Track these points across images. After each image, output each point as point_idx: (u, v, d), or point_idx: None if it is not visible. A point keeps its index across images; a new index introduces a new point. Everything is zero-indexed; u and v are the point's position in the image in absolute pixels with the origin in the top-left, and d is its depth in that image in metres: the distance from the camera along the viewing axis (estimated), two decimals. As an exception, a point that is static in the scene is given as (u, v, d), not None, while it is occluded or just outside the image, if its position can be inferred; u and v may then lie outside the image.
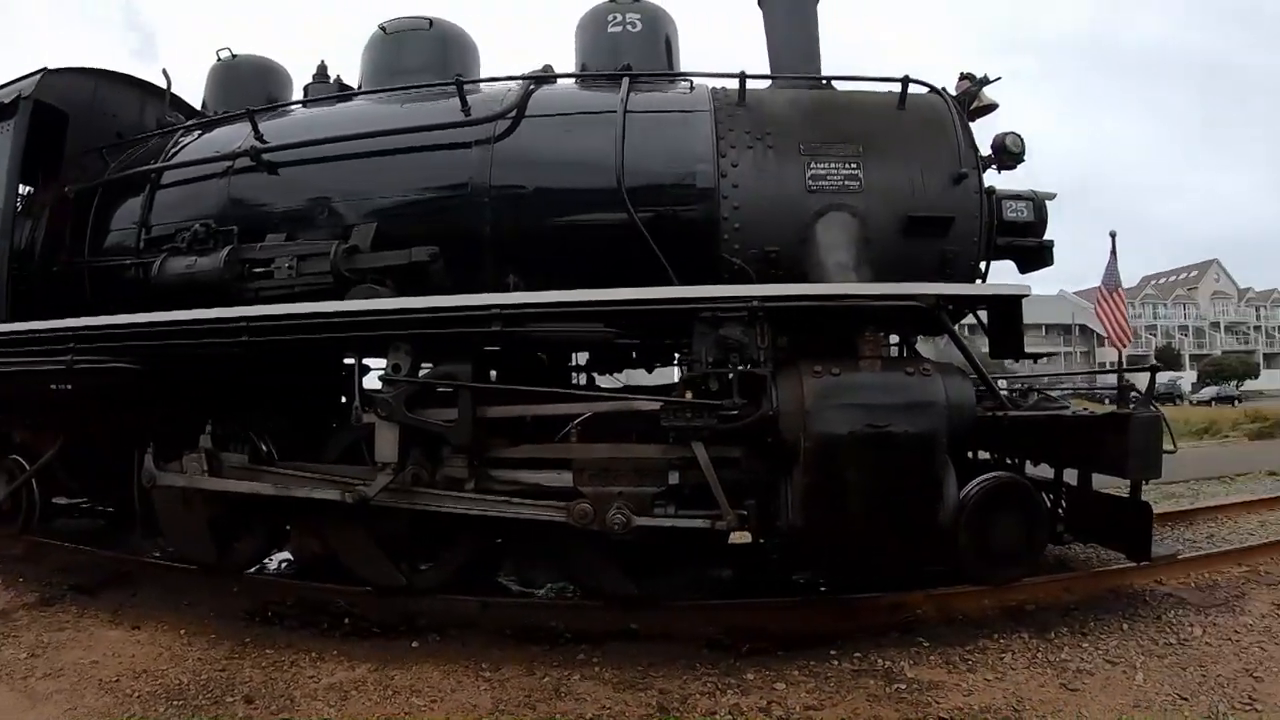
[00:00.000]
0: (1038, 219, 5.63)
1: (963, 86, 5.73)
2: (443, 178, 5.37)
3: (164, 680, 4.54)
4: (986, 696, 4.27)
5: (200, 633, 5.20)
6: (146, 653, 4.92)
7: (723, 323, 4.50)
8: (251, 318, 4.98)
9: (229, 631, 5.22)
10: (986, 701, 4.20)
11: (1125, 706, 4.13)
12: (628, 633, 5.08)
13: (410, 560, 5.56)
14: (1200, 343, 72.09)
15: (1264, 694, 4.22)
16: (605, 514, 4.66)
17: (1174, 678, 4.44)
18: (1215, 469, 12.84)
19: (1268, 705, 4.10)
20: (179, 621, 5.38)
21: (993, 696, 4.26)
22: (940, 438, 4.41)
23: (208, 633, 5.20)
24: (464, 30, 6.46)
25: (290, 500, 5.34)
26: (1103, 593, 5.83)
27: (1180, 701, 4.17)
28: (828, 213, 5.05)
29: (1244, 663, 4.63)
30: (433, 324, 4.72)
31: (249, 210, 5.71)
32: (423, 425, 4.86)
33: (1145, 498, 5.48)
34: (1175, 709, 4.11)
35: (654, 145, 5.22)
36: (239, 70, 7.04)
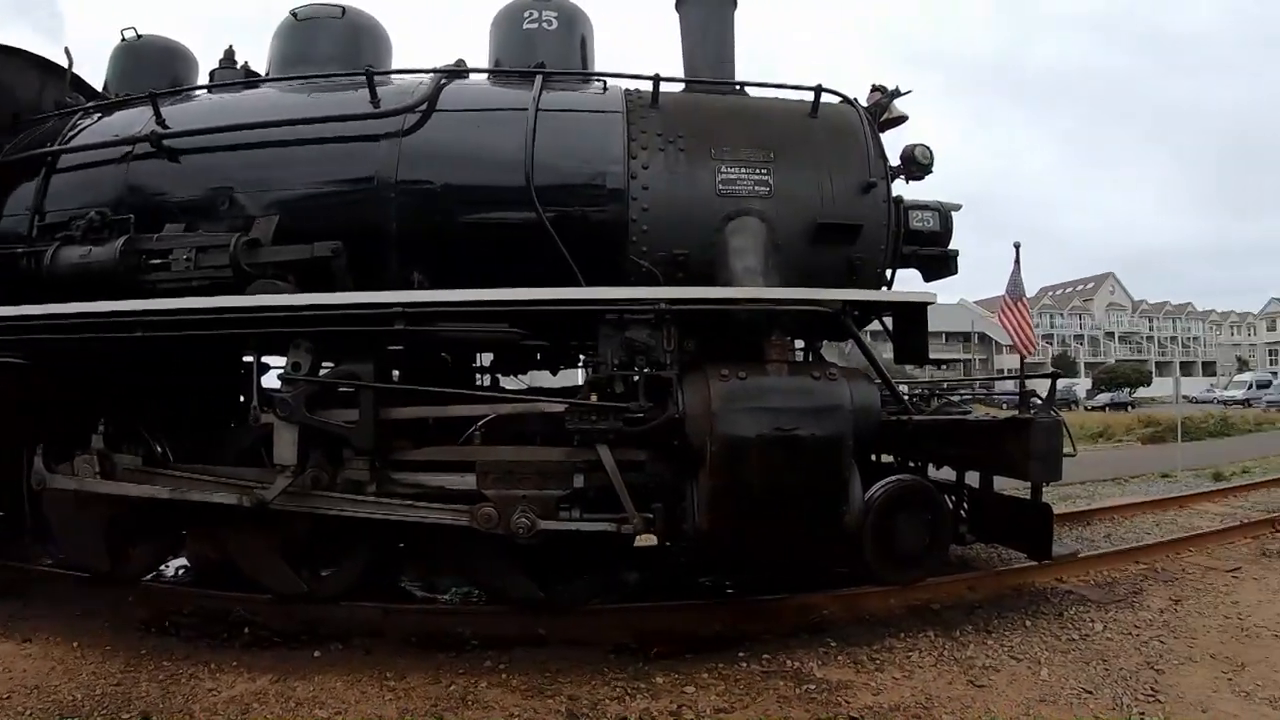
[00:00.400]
0: (943, 229, 5.78)
1: (874, 98, 5.83)
2: (349, 171, 5.21)
3: (57, 696, 4.33)
4: (895, 695, 4.35)
5: (95, 645, 4.97)
6: (38, 667, 4.69)
7: (629, 325, 4.50)
8: (146, 312, 4.78)
9: (124, 643, 5.00)
10: (895, 700, 4.28)
11: (1032, 701, 4.26)
12: (535, 638, 5.04)
13: (311, 566, 5.40)
14: (1095, 351, 76.18)
15: (1165, 685, 4.41)
16: (510, 518, 4.60)
17: (1078, 672, 4.60)
18: (1111, 471, 13.53)
19: (1169, 696, 4.28)
20: (72, 633, 5.13)
21: (901, 695, 4.35)
22: (846, 441, 4.48)
23: (102, 645, 4.97)
24: (377, 20, 6.30)
25: (187, 504, 5.13)
26: (1006, 591, 6.04)
27: (1085, 695, 4.32)
28: (737, 217, 5.07)
29: (1144, 656, 4.84)
30: (334, 321, 4.60)
31: (147, 198, 5.45)
32: (323, 426, 4.73)
33: (1045, 499, 5.67)
34: (1081, 702, 4.25)
35: (565, 145, 5.17)
36: (143, 51, 6.74)
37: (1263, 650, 4.92)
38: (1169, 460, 14.60)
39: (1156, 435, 22.26)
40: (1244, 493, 10.92)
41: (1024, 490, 5.71)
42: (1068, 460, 5.43)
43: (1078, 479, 11.81)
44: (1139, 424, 25.93)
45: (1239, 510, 9.52)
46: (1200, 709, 4.15)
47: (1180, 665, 4.70)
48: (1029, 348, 7.11)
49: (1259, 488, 11.31)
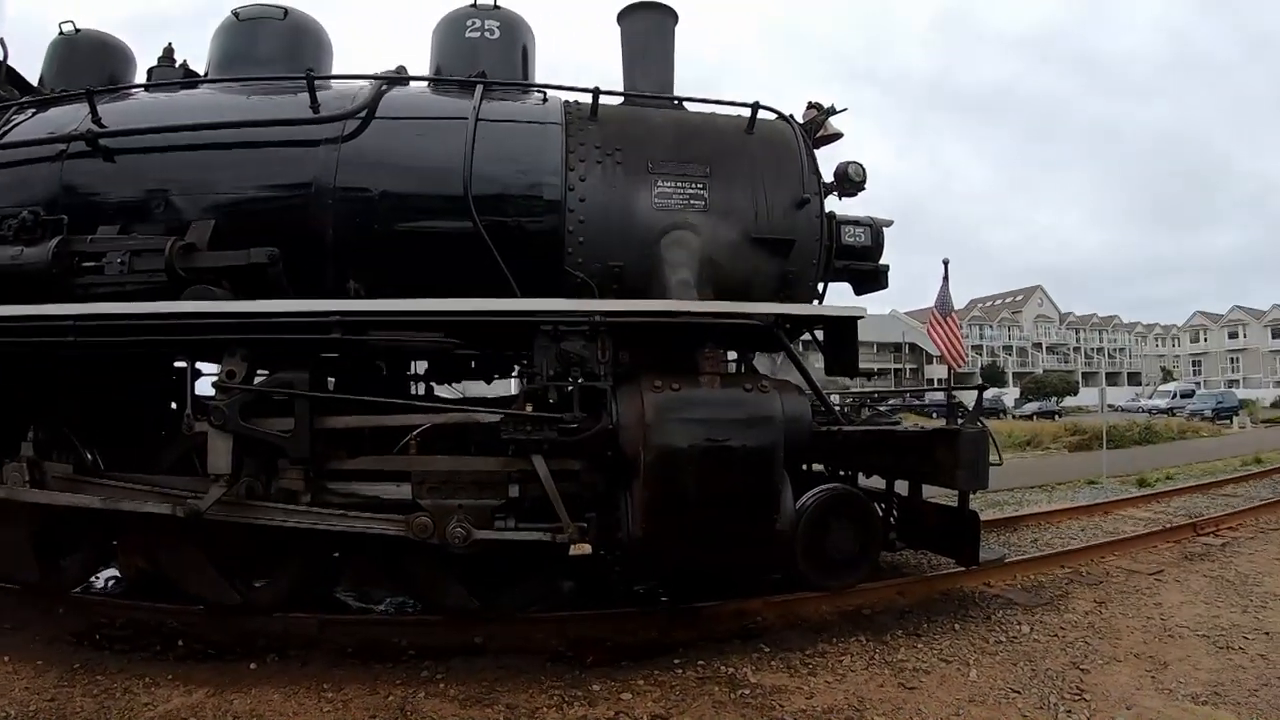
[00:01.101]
0: (874, 244, 5.93)
1: (810, 115, 5.97)
2: (287, 176, 5.16)
3: None
4: (828, 698, 4.44)
5: (25, 660, 4.83)
6: None
7: (564, 336, 4.55)
8: (79, 316, 4.67)
9: (56, 657, 4.87)
10: (829, 703, 4.38)
11: (961, 701, 4.38)
12: (472, 647, 5.04)
13: (245, 577, 5.34)
14: (1024, 362, 78.42)
15: (1091, 684, 4.57)
16: (445, 527, 4.62)
17: (1005, 673, 4.75)
18: (1038, 478, 13.91)
19: (1096, 694, 4.44)
20: (1, 648, 4.99)
21: (834, 698, 4.45)
22: (777, 451, 4.57)
23: (34, 659, 4.84)
24: (319, 23, 6.23)
25: (119, 514, 5.04)
26: (935, 596, 6.19)
27: (1013, 694, 4.46)
28: (672, 231, 5.15)
29: (1070, 656, 5.00)
30: (271, 329, 4.56)
31: (82, 199, 5.31)
32: (258, 435, 4.68)
33: (973, 507, 5.86)
34: (1009, 702, 4.38)
35: (504, 155, 5.19)
36: (80, 46, 6.51)
37: (1184, 649, 5.12)
38: (1095, 467, 14.99)
39: (1083, 443, 22.92)
40: (1167, 498, 11.30)
41: (953, 498, 5.90)
42: (995, 468, 5.64)
43: (1006, 486, 12.12)
44: (1066, 432, 26.52)
45: (1162, 515, 9.86)
46: (1124, 706, 4.31)
47: (1105, 665, 4.87)
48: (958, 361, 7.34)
49: (1181, 493, 11.74)
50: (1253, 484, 12.91)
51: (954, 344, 7.19)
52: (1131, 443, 23.64)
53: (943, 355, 7.28)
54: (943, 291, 7.23)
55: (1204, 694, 4.45)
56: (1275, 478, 13.67)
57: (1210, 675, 4.71)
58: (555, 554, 5.13)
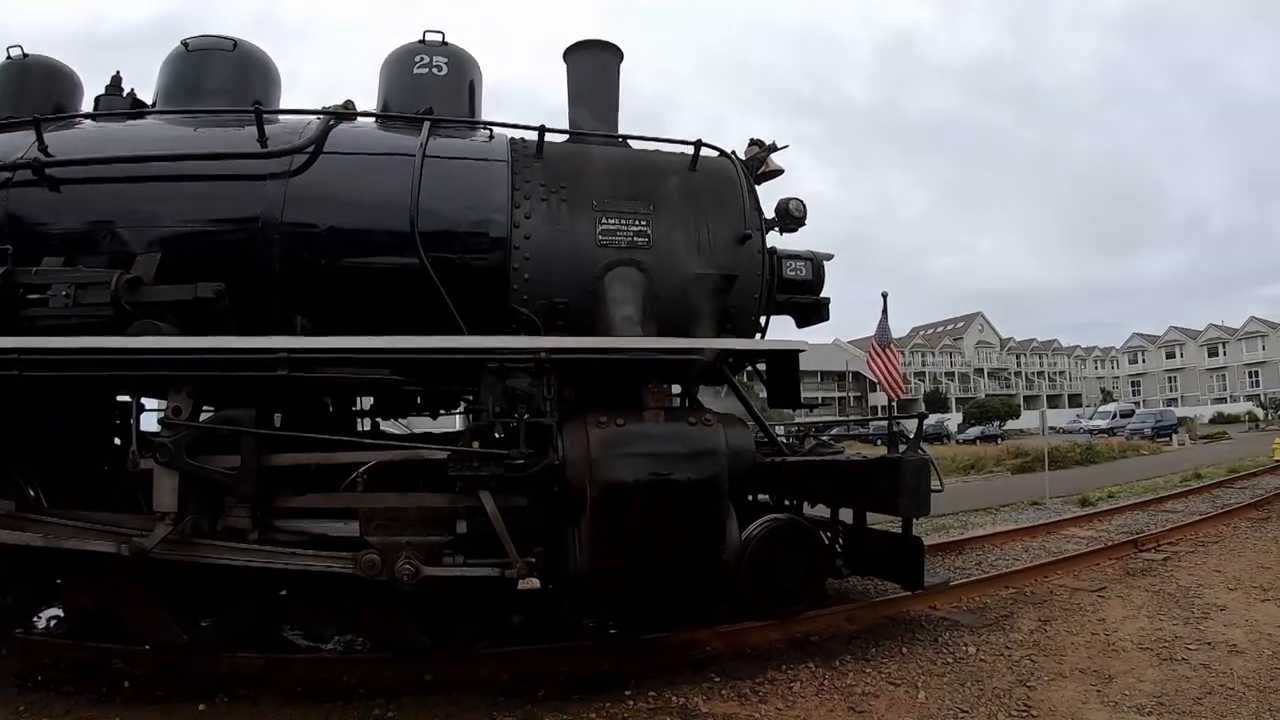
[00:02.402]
0: (815, 278, 6.08)
1: (752, 151, 6.13)
2: (234, 210, 5.16)
3: None
4: None
5: (-33, 703, 4.69)
6: None
7: (510, 373, 4.61)
8: (23, 349, 4.60)
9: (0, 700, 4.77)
10: None
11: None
12: (423, 684, 5.03)
13: (192, 616, 5.27)
14: (966, 387, 79.43)
15: (1038, 700, 4.69)
16: (394, 564, 4.61)
17: (954, 693, 4.85)
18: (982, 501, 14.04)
19: (1043, 710, 4.55)
20: (-63, 691, 4.83)
21: None
22: (721, 483, 4.68)
23: (-24, 702, 4.70)
24: (268, 56, 6.26)
25: (62, 552, 4.96)
26: (882, 620, 6.30)
27: (961, 714, 4.55)
28: (616, 267, 5.25)
29: (1017, 674, 5.12)
30: (217, 365, 4.55)
31: (26, 228, 5.24)
32: (205, 473, 4.64)
33: (917, 532, 5.99)
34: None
35: (450, 191, 5.25)
36: (27, 71, 6.42)
37: (1128, 662, 5.27)
38: (1038, 489, 15.16)
39: (1026, 465, 23.18)
40: (1109, 516, 11.58)
41: (897, 524, 6.04)
42: (937, 493, 5.77)
43: (951, 510, 12.28)
44: (1009, 455, 26.96)
45: (1104, 533, 10.12)
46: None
47: (1051, 681, 4.99)
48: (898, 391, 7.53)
49: (1123, 511, 12.03)
50: (1192, 499, 13.30)
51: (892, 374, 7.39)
52: (1073, 463, 24.23)
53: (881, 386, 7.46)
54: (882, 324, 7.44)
55: (1149, 705, 4.58)
56: (1214, 492, 14.11)
57: (1155, 687, 4.85)
58: (503, 588, 5.15)
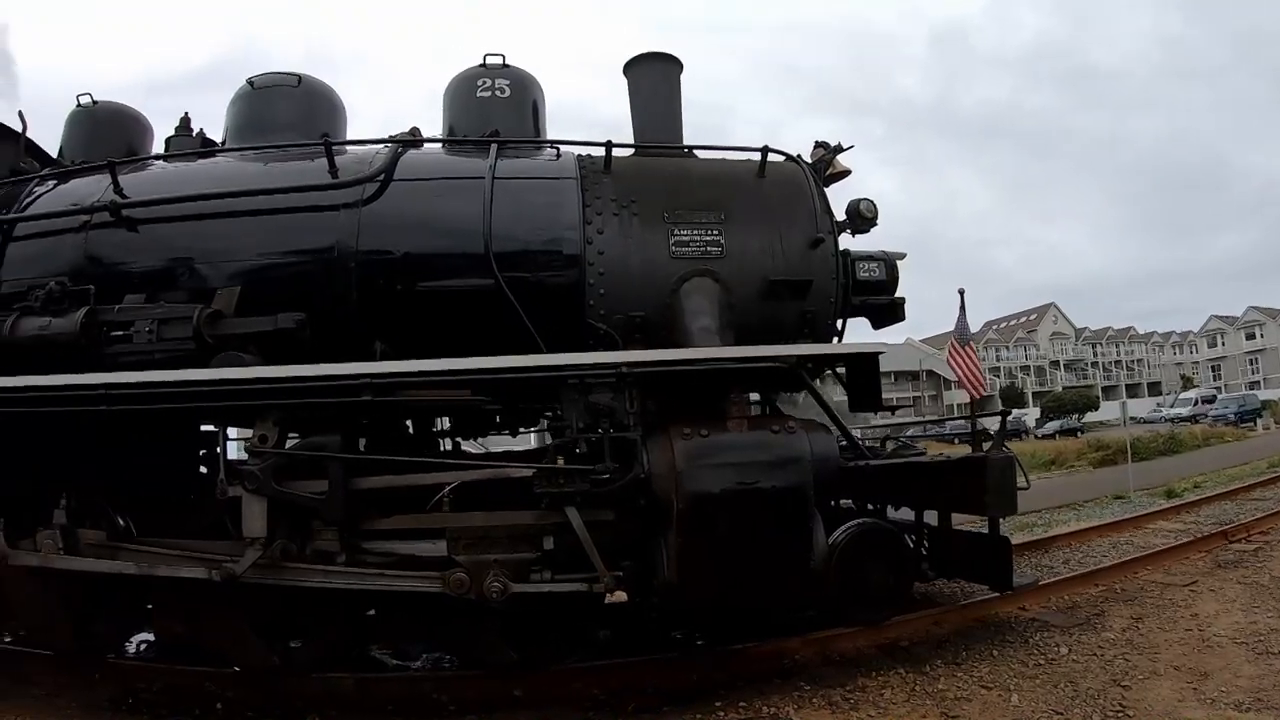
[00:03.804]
0: (889, 278, 5.94)
1: (818, 154, 6.04)
2: (309, 241, 5.25)
3: None
4: None
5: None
6: None
7: (592, 389, 4.60)
8: (112, 385, 4.74)
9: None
10: None
11: None
12: (512, 700, 5.04)
13: (282, 638, 5.34)
14: (1042, 380, 76.93)
15: (1133, 700, 4.56)
16: (482, 582, 4.62)
17: (1047, 695, 4.73)
18: (1065, 497, 13.79)
19: (1138, 710, 4.43)
20: (38, 713, 5.04)
21: None
22: (807, 490, 4.61)
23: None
24: (332, 89, 6.37)
25: (153, 578, 5.07)
26: (971, 624, 6.16)
27: (1056, 716, 4.45)
28: (691, 278, 5.21)
29: (1110, 674, 4.98)
30: (302, 393, 4.61)
31: (107, 269, 5.41)
32: (293, 499, 4.72)
33: (1003, 531, 5.82)
34: None
35: (522, 212, 5.27)
36: (99, 118, 6.66)
37: (1223, 658, 5.10)
38: (1121, 482, 14.91)
39: (1107, 458, 22.71)
40: (1196, 508, 11.20)
41: (982, 525, 5.89)
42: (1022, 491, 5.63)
43: (1034, 508, 12.04)
44: (1089, 449, 26.33)
45: (1192, 525, 9.78)
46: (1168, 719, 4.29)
47: (1145, 680, 4.86)
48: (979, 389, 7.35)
49: (1210, 502, 11.63)
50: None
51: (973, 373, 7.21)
52: (1156, 454, 23.42)
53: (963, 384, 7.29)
54: (960, 321, 7.26)
55: (1247, 701, 4.44)
56: (1303, 478, 13.51)
57: (1252, 682, 4.70)
58: (590, 603, 5.13)
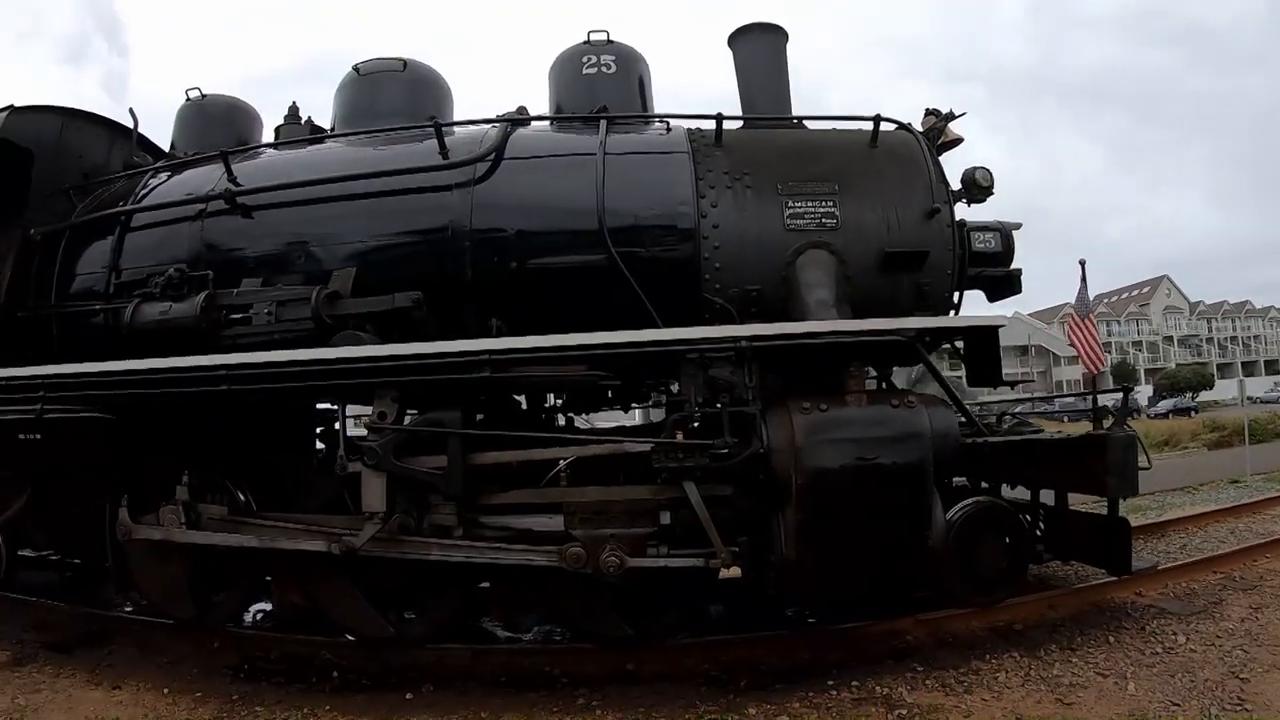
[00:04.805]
0: (1005, 249, 5.74)
1: (929, 122, 5.85)
2: (423, 221, 5.31)
3: None
4: (986, 716, 4.35)
5: (185, 691, 5.05)
6: (131, 714, 4.77)
7: (711, 363, 4.55)
8: (234, 365, 4.90)
9: (215, 689, 5.08)
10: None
11: (1120, 716, 4.26)
12: (625, 674, 5.06)
13: (396, 610, 5.48)
14: (1154, 357, 73.45)
15: (1252, 694, 4.38)
16: (598, 556, 4.64)
17: (1164, 685, 4.58)
18: (1179, 480, 13.16)
19: (1257, 704, 4.26)
20: (161, 680, 5.23)
21: (992, 715, 4.35)
22: (927, 467, 4.49)
23: (192, 691, 5.05)
24: (438, 72, 6.43)
25: (272, 552, 5.24)
26: (1086, 608, 5.96)
27: (1173, 707, 4.31)
28: (807, 250, 5.11)
29: (1229, 665, 4.79)
30: (422, 370, 4.68)
31: (223, 254, 5.60)
32: (412, 474, 4.79)
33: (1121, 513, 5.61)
34: (1169, 715, 4.24)
35: (634, 187, 5.23)
36: (208, 110, 6.91)
37: None
38: (1238, 465, 14.33)
39: (1223, 440, 21.94)
40: (1319, 493, 10.62)
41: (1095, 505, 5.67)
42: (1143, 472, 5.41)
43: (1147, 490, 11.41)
44: (1204, 429, 25.39)
45: (1314, 511, 9.27)
46: (1288, 713, 4.11)
47: (1265, 673, 4.68)
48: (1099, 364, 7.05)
49: (1333, 486, 11.07)
50: None
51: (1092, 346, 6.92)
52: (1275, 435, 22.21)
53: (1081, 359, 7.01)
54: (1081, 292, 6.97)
55: None
56: None
57: (1378, 677, 4.44)
58: (704, 579, 5.11)
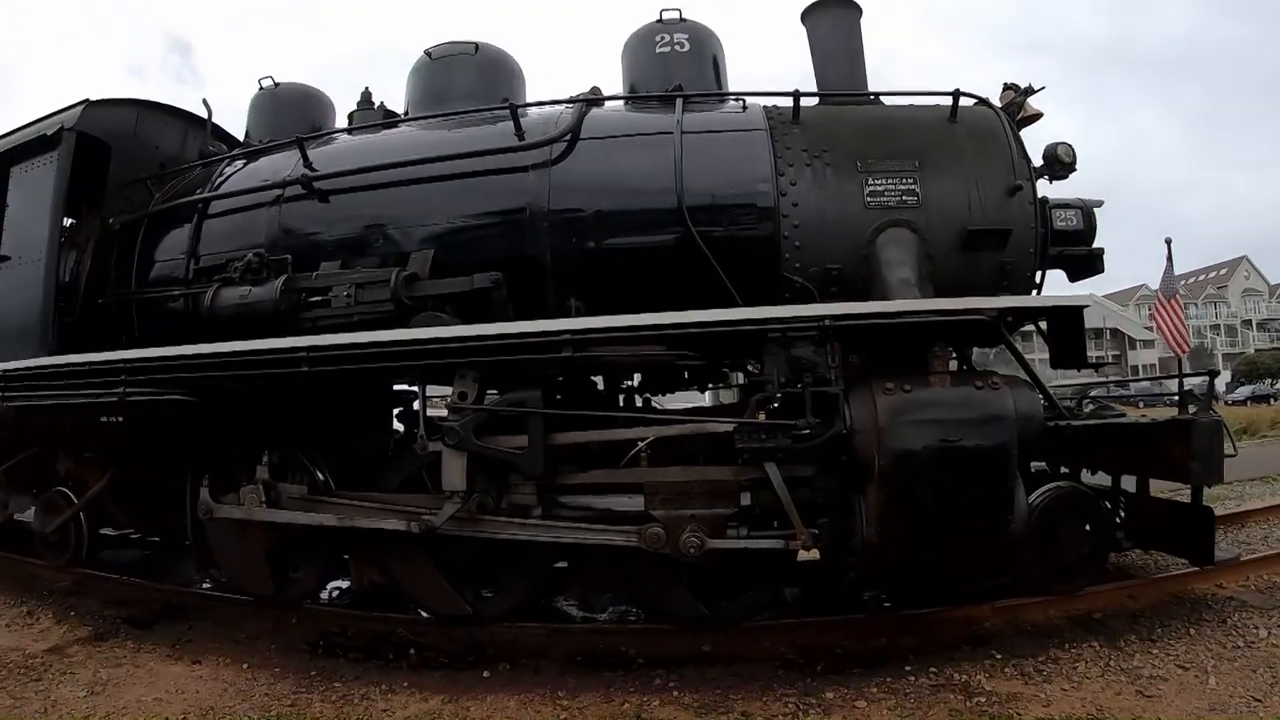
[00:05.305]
0: (1087, 227, 5.60)
1: (1008, 97, 5.72)
2: (500, 203, 5.34)
3: (232, 717, 4.45)
4: (1066, 706, 4.25)
5: (263, 666, 5.14)
6: (211, 689, 4.85)
7: (794, 343, 4.49)
8: (315, 347, 4.98)
9: (293, 665, 5.16)
10: (1066, 711, 4.19)
11: (1202, 710, 4.14)
12: (701, 656, 5.03)
13: (473, 588, 5.54)
14: (1233, 341, 71.14)
15: None
16: (678, 537, 4.64)
17: (1245, 680, 4.45)
18: (1258, 469, 12.71)
19: None
20: (240, 655, 5.33)
21: (1071, 706, 4.25)
22: (1011, 450, 4.40)
23: (271, 666, 5.14)
24: (509, 55, 6.45)
25: (350, 530, 5.32)
26: (1166, 599, 5.80)
27: (1255, 703, 4.18)
28: (888, 229, 5.03)
29: None
30: (504, 350, 4.71)
31: (301, 239, 5.69)
32: (494, 454, 4.83)
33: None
34: (1250, 711, 4.11)
35: (712, 165, 5.19)
36: (282, 98, 7.02)
37: None
38: None
39: None
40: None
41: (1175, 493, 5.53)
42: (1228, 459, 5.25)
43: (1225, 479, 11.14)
44: None
45: (1401, 507, 8.89)
46: (1376, 713, 3.96)
47: None
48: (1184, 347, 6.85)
49: None
50: None
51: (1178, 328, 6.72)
52: (1358, 424, 21.52)
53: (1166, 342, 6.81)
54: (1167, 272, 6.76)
55: None
56: None
57: None
58: (783, 561, 5.08)
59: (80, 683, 4.96)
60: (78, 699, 4.73)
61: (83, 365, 5.80)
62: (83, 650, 5.53)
